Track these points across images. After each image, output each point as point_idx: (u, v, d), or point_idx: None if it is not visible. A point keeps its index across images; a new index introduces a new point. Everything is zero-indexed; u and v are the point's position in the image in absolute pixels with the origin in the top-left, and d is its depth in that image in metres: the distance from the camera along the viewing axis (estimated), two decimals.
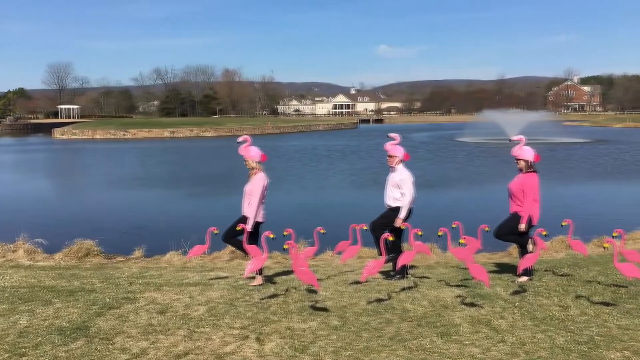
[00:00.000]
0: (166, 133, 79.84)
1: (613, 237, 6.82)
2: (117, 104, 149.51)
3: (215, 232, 7.67)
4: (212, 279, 8.12)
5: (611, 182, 25.65)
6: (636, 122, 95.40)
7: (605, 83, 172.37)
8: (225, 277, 8.20)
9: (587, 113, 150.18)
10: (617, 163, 33.89)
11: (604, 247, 6.81)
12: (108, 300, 6.75)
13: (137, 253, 11.23)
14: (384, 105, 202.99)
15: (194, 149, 56.13)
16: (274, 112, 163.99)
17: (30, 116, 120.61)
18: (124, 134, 78.66)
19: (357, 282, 7.46)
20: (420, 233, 7.17)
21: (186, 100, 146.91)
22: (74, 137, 77.42)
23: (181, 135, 79.46)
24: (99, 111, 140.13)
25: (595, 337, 5.26)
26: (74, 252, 10.81)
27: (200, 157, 45.89)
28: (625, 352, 4.88)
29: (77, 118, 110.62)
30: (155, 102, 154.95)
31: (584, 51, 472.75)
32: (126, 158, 45.39)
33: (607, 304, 6.26)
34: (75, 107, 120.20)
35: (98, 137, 77.23)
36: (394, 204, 7.84)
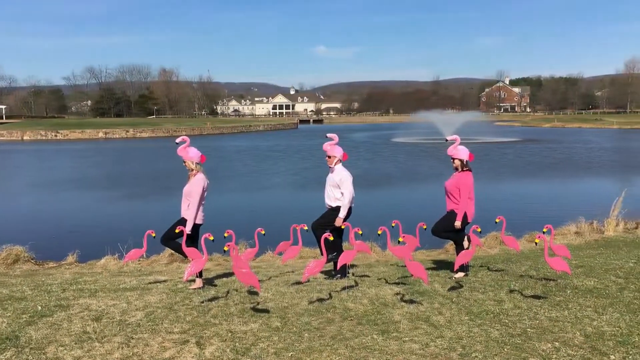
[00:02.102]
0: (100, 134, 77.57)
1: (543, 232, 7.10)
2: (47, 104, 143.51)
3: (153, 235, 7.50)
4: (150, 283, 7.93)
5: (541, 180, 26.76)
6: (563, 122, 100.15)
7: (534, 84, 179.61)
8: (164, 281, 8.02)
9: (517, 113, 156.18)
10: (548, 161, 35.39)
11: (535, 243, 7.10)
12: (39, 308, 6.47)
13: (70, 258, 10.84)
14: (323, 106, 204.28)
15: (130, 150, 54.71)
16: (213, 112, 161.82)
17: None
18: (55, 135, 75.85)
19: (299, 283, 7.47)
20: (360, 232, 7.25)
21: (121, 100, 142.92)
22: (1, 138, 73.98)
23: (116, 136, 77.36)
24: (28, 111, 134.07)
25: (527, 329, 5.46)
26: (2, 258, 10.34)
27: (137, 159, 44.77)
28: (556, 343, 5.09)
29: (4, 119, 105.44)
30: (89, 102, 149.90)
31: (513, 53, 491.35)
32: (58, 160, 43.74)
33: (538, 297, 6.51)
34: (2, 107, 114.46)
35: (27, 138, 74.14)
36: (334, 204, 7.89)
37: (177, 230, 7.23)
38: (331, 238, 6.96)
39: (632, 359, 4.70)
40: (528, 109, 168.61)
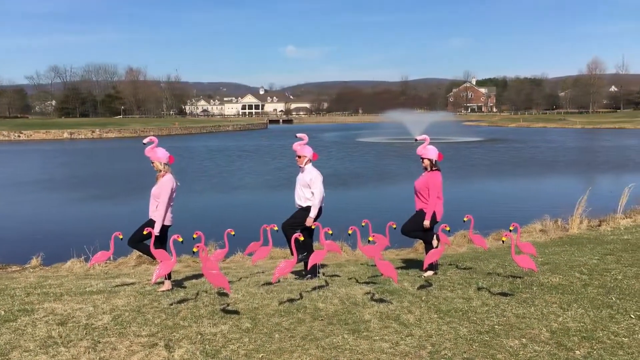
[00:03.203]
0: (65, 134, 76.12)
1: (510, 230, 7.22)
2: (10, 104, 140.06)
3: (120, 237, 7.37)
4: (117, 286, 7.80)
5: (508, 179, 27.22)
6: (528, 122, 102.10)
7: (499, 85, 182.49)
8: (132, 284, 7.90)
9: (484, 113, 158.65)
10: (514, 160, 36.01)
11: (502, 241, 7.20)
12: (2, 313, 6.31)
13: (35, 261, 10.59)
14: (293, 106, 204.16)
15: (96, 151, 53.80)
16: (181, 112, 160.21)
17: None
18: (18, 136, 74.13)
19: (269, 283, 7.44)
20: (330, 232, 7.25)
21: (87, 100, 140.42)
22: None
23: (82, 137, 76.01)
24: None
25: (495, 326, 5.54)
26: None
27: (103, 160, 44.06)
28: (523, 339, 5.18)
29: None
30: (53, 102, 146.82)
31: (480, 54, 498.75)
32: (22, 161, 42.72)
33: (505, 295, 6.62)
34: None
35: None
36: (304, 204, 7.88)
37: (145, 232, 7.12)
38: (301, 238, 6.95)
39: (597, 354, 4.81)
40: (494, 109, 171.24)
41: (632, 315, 5.72)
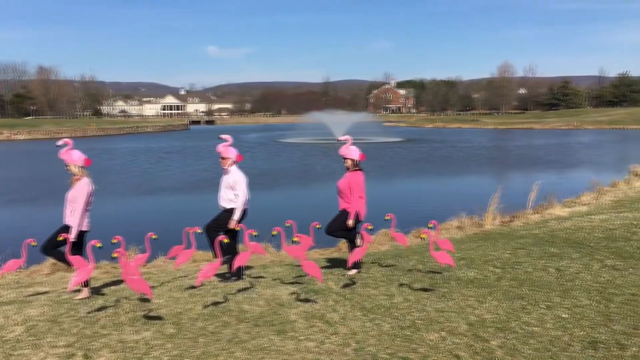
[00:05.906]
0: None
1: (429, 227, 7.47)
2: None
3: (33, 244, 7.02)
4: (30, 295, 7.42)
5: (427, 178, 28.09)
6: (444, 123, 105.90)
7: (418, 87, 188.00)
8: (46, 292, 7.55)
9: (403, 114, 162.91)
10: (433, 159, 37.21)
11: (421, 238, 7.43)
12: None
13: None
14: (215, 106, 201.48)
15: (5, 153, 50.83)
16: (97, 113, 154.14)
17: None
18: None
19: (193, 287, 7.32)
20: (255, 234, 7.23)
21: None
22: None
23: None
24: None
25: (416, 321, 5.72)
26: None
27: (12, 163, 41.70)
28: (442, 332, 5.38)
29: None
30: None
31: (399, 57, 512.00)
32: None
33: (425, 290, 6.84)
34: None
35: None
36: (228, 206, 7.82)
37: (60, 238, 6.82)
38: (226, 240, 6.89)
39: (510, 343, 5.07)
40: (413, 110, 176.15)
41: (542, 306, 6.07)
